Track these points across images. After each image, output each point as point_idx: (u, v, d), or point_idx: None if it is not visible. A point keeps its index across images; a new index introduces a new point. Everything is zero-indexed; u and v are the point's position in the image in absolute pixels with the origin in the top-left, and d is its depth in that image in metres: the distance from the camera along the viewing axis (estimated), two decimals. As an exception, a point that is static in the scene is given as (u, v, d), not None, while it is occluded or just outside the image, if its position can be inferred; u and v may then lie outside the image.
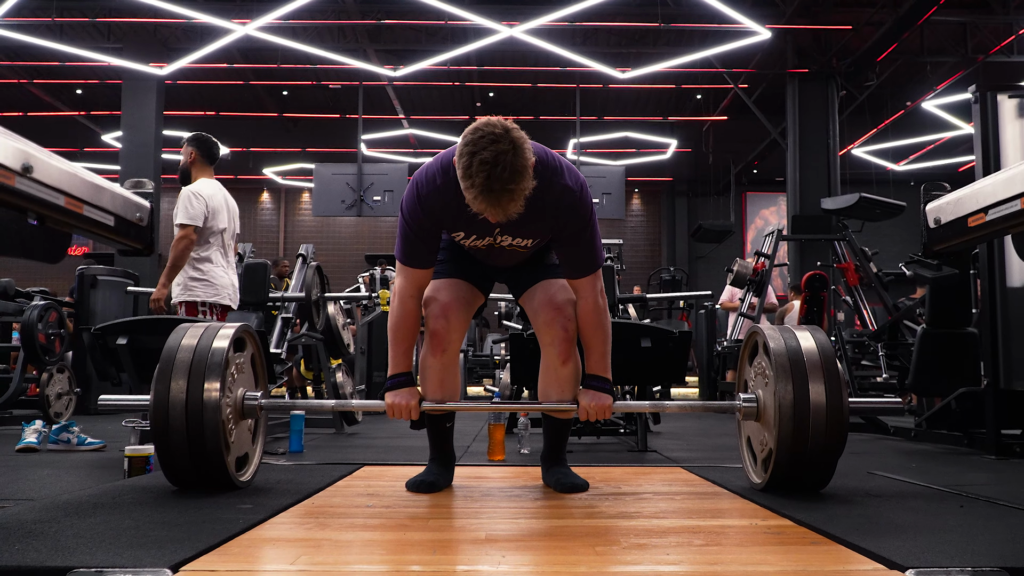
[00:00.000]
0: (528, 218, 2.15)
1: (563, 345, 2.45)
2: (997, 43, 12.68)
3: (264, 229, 20.40)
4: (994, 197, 2.13)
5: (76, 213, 1.82)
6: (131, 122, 12.82)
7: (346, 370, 5.87)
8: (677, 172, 19.69)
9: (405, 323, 2.39)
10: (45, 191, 1.69)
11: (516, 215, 2.06)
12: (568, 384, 2.49)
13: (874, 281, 6.75)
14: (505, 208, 2.02)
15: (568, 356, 2.46)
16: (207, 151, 4.38)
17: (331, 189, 12.20)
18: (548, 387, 2.52)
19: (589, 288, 2.39)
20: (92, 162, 17.10)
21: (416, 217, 2.29)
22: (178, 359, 2.30)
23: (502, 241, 2.37)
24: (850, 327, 9.35)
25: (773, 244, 7.77)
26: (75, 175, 1.82)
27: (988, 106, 4.17)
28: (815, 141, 12.39)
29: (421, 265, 2.37)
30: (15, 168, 1.60)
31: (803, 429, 2.23)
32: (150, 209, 2.19)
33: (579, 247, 2.34)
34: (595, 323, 2.40)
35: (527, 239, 2.37)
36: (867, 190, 7.75)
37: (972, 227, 2.24)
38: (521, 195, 2.02)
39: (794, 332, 2.39)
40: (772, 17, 11.92)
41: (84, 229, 1.89)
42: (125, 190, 2.09)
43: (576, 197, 2.28)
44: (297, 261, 5.73)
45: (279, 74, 14.88)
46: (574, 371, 2.49)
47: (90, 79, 15.22)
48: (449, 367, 2.50)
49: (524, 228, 2.31)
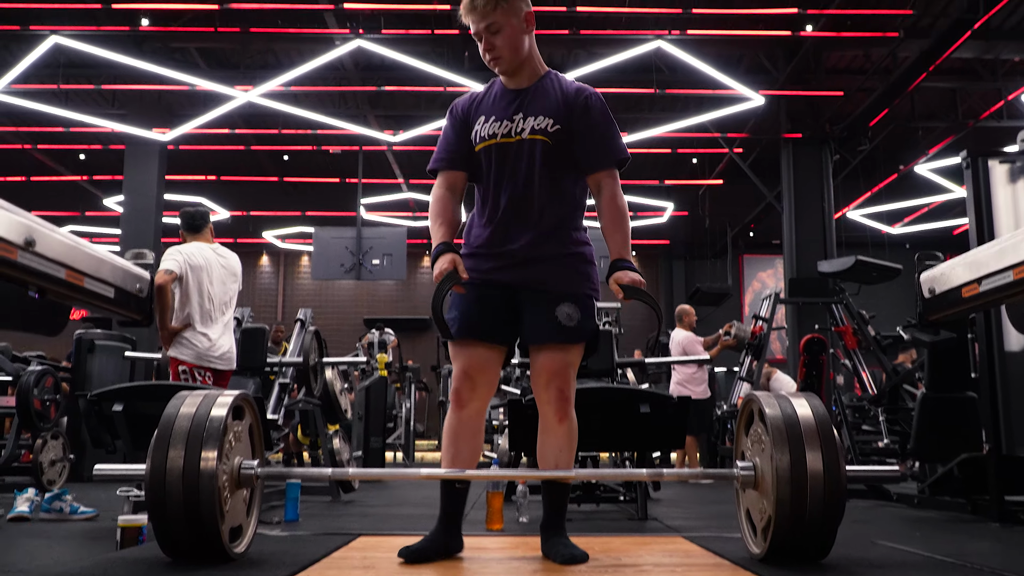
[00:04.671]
0: (543, 90, 2.52)
1: (559, 403, 2.50)
2: (986, 108, 12.93)
3: (263, 292, 20.45)
4: (987, 268, 2.17)
5: (77, 286, 1.85)
6: (133, 186, 12.95)
7: (343, 436, 5.84)
8: (674, 235, 19.83)
9: (438, 207, 2.59)
10: (47, 264, 1.72)
11: (488, 18, 2.43)
12: (565, 443, 2.52)
13: (872, 344, 6.76)
14: (483, 6, 2.42)
15: (564, 415, 2.51)
16: (187, 223, 4.64)
17: (330, 253, 12.26)
18: (545, 446, 2.55)
19: (610, 180, 2.54)
20: (93, 226, 17.24)
21: (450, 115, 2.67)
22: (176, 427, 2.29)
23: (523, 128, 2.51)
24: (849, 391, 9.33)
25: (771, 307, 7.81)
26: (77, 248, 1.85)
27: (979, 171, 4.25)
28: (810, 204, 12.52)
29: (449, 166, 2.62)
30: (18, 243, 1.63)
31: (801, 497, 2.22)
32: (150, 280, 2.22)
33: (599, 127, 2.53)
34: (616, 214, 2.52)
35: (546, 118, 2.50)
36: (863, 253, 7.82)
37: (966, 297, 2.28)
38: (489, 6, 2.41)
39: (790, 399, 2.40)
40: (765, 83, 12.17)
41: (84, 301, 1.91)
42: (126, 261, 2.12)
43: (591, 90, 2.56)
44: (295, 326, 5.75)
45: (280, 139, 15.11)
46: (570, 430, 2.53)
47: (93, 144, 15.44)
48: (466, 423, 2.54)
49: (540, 102, 2.52)
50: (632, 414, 3.88)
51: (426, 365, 16.55)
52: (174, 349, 4.35)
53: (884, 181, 14.96)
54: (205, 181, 16.58)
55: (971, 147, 4.42)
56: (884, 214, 16.44)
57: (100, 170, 16.58)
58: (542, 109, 2.52)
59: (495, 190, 2.57)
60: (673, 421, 3.98)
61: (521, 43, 2.52)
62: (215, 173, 16.69)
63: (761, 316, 7.89)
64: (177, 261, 4.37)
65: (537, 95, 2.53)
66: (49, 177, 16.66)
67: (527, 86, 2.58)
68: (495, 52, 2.51)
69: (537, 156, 2.51)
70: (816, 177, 12.60)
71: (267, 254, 20.69)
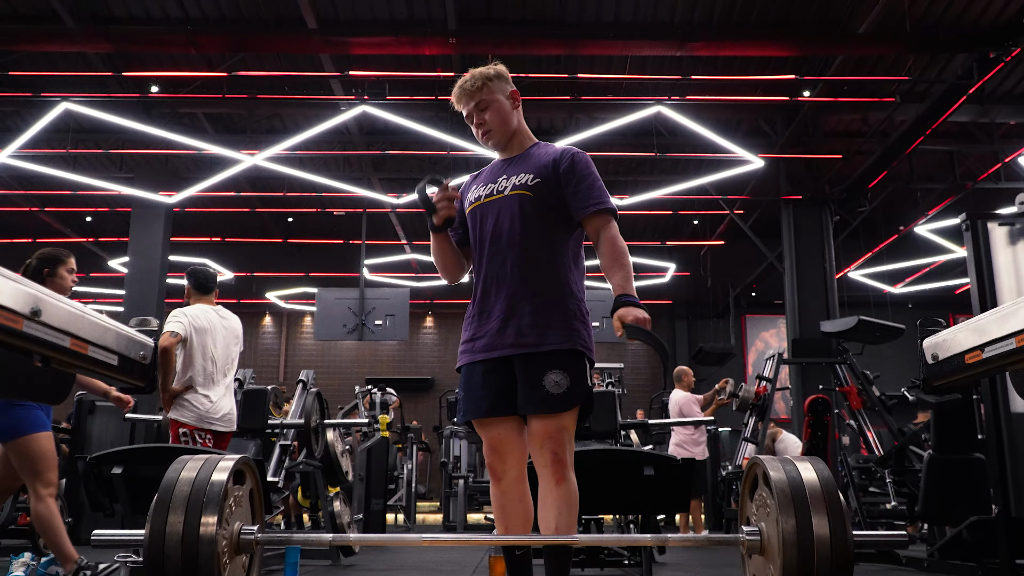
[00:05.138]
0: (529, 155, 2.68)
1: (556, 467, 2.50)
2: (984, 170, 13.06)
3: (265, 353, 20.42)
4: (990, 335, 2.17)
5: (81, 354, 1.86)
6: (138, 248, 13.05)
7: (344, 498, 5.77)
8: (676, 295, 19.87)
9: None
10: (51, 333, 1.73)
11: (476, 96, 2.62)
12: (564, 506, 2.50)
13: (877, 405, 6.73)
14: (471, 88, 2.62)
15: (562, 478, 2.50)
16: (197, 283, 4.65)
17: (333, 313, 12.30)
18: (546, 511, 2.53)
19: (607, 224, 2.63)
20: (98, 287, 17.31)
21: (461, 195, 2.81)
22: (176, 491, 2.28)
23: (506, 187, 2.64)
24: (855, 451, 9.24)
25: (774, 368, 7.79)
26: (81, 316, 1.87)
27: (979, 234, 4.29)
28: (812, 265, 12.57)
29: (453, 237, 2.79)
30: (24, 312, 1.64)
31: (808, 563, 2.19)
32: (153, 347, 2.23)
33: (586, 177, 2.64)
34: (616, 252, 2.58)
35: (527, 174, 2.64)
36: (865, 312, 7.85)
37: (970, 364, 2.27)
38: (485, 80, 2.63)
39: (795, 463, 2.38)
40: (764, 147, 12.33)
41: (88, 369, 1.92)
42: (130, 328, 2.13)
43: (576, 150, 2.69)
44: (297, 387, 5.74)
45: (285, 201, 15.27)
46: (568, 493, 2.52)
47: (100, 207, 15.61)
48: (508, 492, 2.61)
49: (524, 165, 2.68)
50: (636, 476, 3.85)
51: (428, 425, 16.45)
52: (175, 411, 4.35)
53: (884, 242, 15.05)
54: (210, 242, 16.72)
55: (970, 209, 4.48)
56: (885, 274, 16.49)
57: (106, 232, 16.73)
58: (525, 169, 2.68)
59: (479, 249, 2.67)
60: (677, 484, 3.94)
61: (509, 117, 2.72)
62: (220, 234, 16.84)
63: (765, 376, 7.87)
64: (182, 323, 4.40)
65: (523, 160, 2.71)
66: (56, 239, 16.80)
67: (517, 154, 2.76)
68: (485, 127, 2.69)
69: (519, 210, 2.61)
70: (817, 238, 12.67)
71: (270, 314, 20.73)
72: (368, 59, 10.63)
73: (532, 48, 9.76)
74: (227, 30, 10.19)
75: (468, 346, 2.64)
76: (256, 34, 10.06)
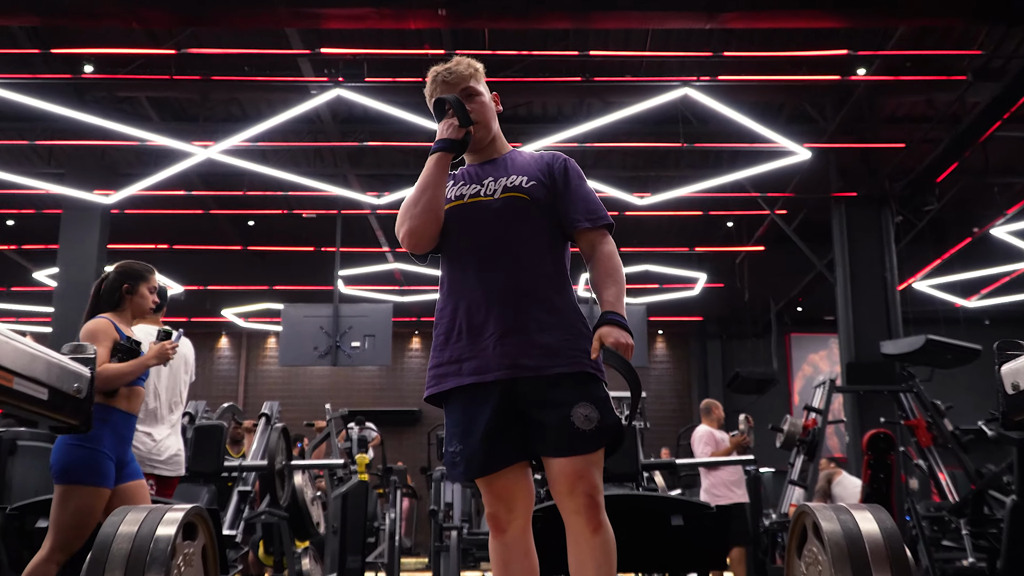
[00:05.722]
0: (512, 158, 2.83)
1: (591, 512, 2.49)
2: (1072, 160, 13.09)
3: (221, 381, 20.43)
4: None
5: (4, 387, 1.84)
6: (69, 257, 13.04)
7: (314, 555, 5.76)
8: (708, 311, 19.86)
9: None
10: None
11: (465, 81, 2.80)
12: (604, 558, 2.48)
13: (950, 441, 6.72)
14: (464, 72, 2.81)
15: (599, 524, 2.50)
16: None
17: (302, 334, 12.27)
18: (582, 565, 2.50)
19: (603, 239, 2.74)
20: (21, 303, 17.34)
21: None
22: (114, 550, 2.27)
23: (495, 189, 2.72)
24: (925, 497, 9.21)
25: (825, 397, 7.77)
26: (5, 342, 1.85)
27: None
28: (869, 274, 12.55)
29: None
30: (-66, 335, 1.63)
31: (870, 633, 2.18)
32: (90, 379, 2.21)
33: (582, 187, 2.78)
34: (611, 267, 2.69)
35: (519, 176, 2.75)
36: (934, 331, 7.84)
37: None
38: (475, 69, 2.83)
39: (851, 511, 2.37)
40: (811, 135, 12.34)
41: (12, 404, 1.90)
42: (63, 357, 2.12)
43: (565, 155, 2.84)
44: (260, 422, 5.73)
45: (245, 202, 15.28)
46: (605, 542, 2.50)
47: (24, 208, 15.62)
48: (512, 546, 2.63)
49: (509, 166, 2.80)
50: (662, 527, 3.84)
51: (415, 466, 16.42)
52: None
53: (956, 246, 15.02)
54: (155, 250, 16.70)
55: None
56: (957, 284, 16.45)
57: (31, 238, 16.74)
58: (514, 171, 2.78)
59: (462, 254, 2.69)
60: (711, 535, 3.93)
61: (493, 114, 2.88)
62: (167, 241, 16.83)
63: (814, 407, 7.84)
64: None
65: (506, 162, 2.84)
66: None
67: (496, 158, 2.88)
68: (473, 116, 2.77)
69: (514, 215, 2.67)
70: (875, 242, 12.66)
71: (227, 335, 20.73)
72: (343, 34, 10.65)
73: (536, 21, 9.75)
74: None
75: (452, 367, 2.62)
76: (210, 5, 10.09)
